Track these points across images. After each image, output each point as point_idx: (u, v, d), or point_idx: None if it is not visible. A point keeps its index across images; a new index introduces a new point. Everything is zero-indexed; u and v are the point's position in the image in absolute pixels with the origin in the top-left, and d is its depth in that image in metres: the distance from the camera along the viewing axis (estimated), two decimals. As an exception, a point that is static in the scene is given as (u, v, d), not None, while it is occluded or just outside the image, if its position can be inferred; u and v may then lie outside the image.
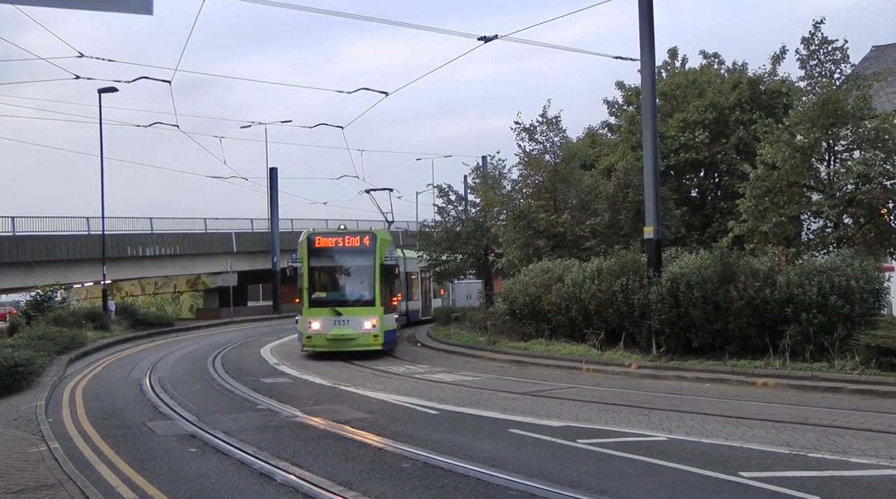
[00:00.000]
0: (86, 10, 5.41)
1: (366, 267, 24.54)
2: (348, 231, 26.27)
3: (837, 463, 9.08)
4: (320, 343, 24.00)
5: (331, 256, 25.16)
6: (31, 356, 19.52)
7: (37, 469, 9.67)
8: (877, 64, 28.09)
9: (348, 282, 25.34)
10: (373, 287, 24.34)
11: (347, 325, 23.94)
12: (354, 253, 24.76)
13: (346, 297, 24.88)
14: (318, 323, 24.03)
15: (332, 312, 24.04)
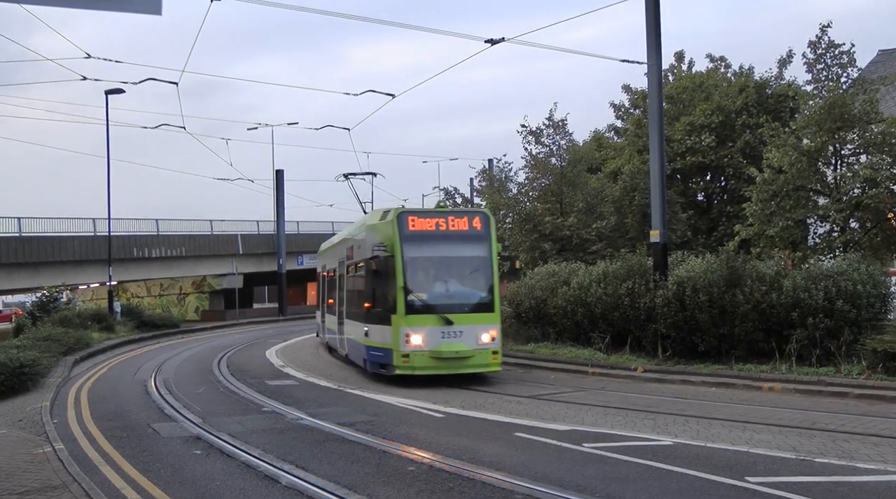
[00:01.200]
0: (94, 11, 5.41)
1: (480, 258, 18.67)
2: (453, 210, 21.27)
3: (844, 468, 9.03)
4: (423, 364, 17.58)
5: (433, 242, 18.66)
6: (37, 357, 19.56)
7: (41, 471, 9.68)
8: (884, 68, 28.01)
9: (459, 278, 18.95)
10: (491, 285, 18.55)
11: (460, 337, 17.74)
12: (464, 239, 18.76)
13: (457, 299, 18.50)
14: (419, 336, 17.55)
15: (441, 320, 17.66)
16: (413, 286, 18.08)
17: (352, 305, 21.75)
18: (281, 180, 56.99)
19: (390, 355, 17.92)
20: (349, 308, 22.17)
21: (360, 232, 21.12)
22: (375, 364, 18.79)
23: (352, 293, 22.01)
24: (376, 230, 19.02)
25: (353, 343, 21.17)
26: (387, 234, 18.42)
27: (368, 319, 19.09)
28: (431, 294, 18.36)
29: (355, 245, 21.46)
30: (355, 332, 20.53)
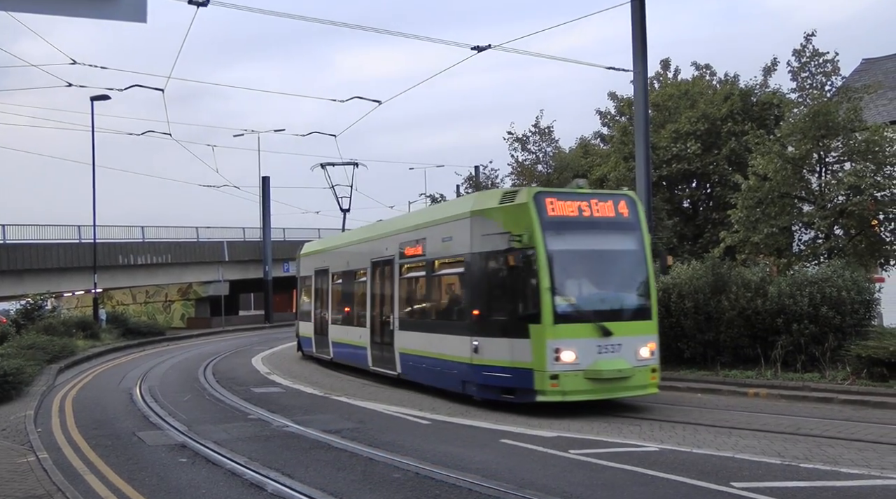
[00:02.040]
0: (79, 18, 5.41)
1: (633, 252, 15.08)
2: (595, 192, 16.61)
3: (829, 473, 9.08)
4: (576, 387, 13.79)
5: (578, 231, 14.69)
6: (21, 365, 19.42)
7: (25, 480, 9.61)
8: (867, 76, 28.24)
9: (610, 277, 15.38)
10: (647, 286, 15.01)
11: (619, 352, 14.09)
12: (613, 228, 15.04)
13: (611, 304, 14.79)
14: (572, 351, 13.73)
15: (597, 330, 13.97)
16: (562, 288, 14.27)
17: (423, 313, 18.07)
18: (267, 187, 56.87)
19: (528, 378, 13.97)
20: (414, 318, 18.32)
21: (447, 220, 16.88)
22: (494, 389, 14.81)
23: (422, 298, 18.22)
24: (494, 216, 15.07)
25: (428, 361, 17.05)
26: (520, 220, 14.39)
27: (479, 330, 15.06)
28: (582, 298, 14.66)
29: (435, 236, 17.24)
30: (439, 346, 16.52)
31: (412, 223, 19.34)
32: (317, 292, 26.71)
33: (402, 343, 18.48)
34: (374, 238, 21.37)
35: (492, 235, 14.96)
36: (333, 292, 24.72)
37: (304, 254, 29.28)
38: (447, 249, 16.68)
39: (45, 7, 5.50)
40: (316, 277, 26.82)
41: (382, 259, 20.16)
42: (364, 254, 21.66)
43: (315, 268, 26.93)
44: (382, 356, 19.71)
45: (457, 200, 20.22)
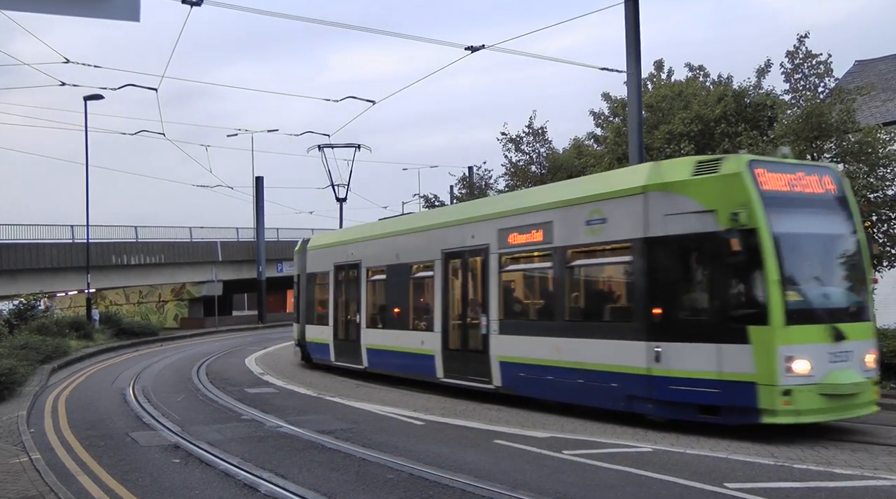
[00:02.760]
0: (72, 16, 5.39)
1: (849, 238, 12.64)
2: (800, 163, 13.66)
3: (822, 474, 9.10)
4: (811, 405, 11.14)
5: (796, 210, 12.16)
6: (14, 366, 19.34)
7: (18, 481, 9.57)
8: (860, 78, 28.32)
9: (830, 268, 12.79)
10: (864, 279, 12.74)
11: (849, 361, 11.55)
12: (825, 207, 12.64)
13: (836, 300, 12.34)
14: (806, 360, 11.13)
15: (829, 334, 11.42)
16: (791, 280, 11.65)
17: (545, 313, 15.18)
18: (261, 187, 56.83)
19: (748, 394, 11.25)
20: (526, 319, 15.76)
21: (594, 198, 13.78)
22: (687, 407, 12.09)
23: (544, 295, 15.42)
24: (686, 190, 12.23)
25: (558, 371, 14.09)
26: (730, 195, 11.73)
27: (663, 333, 12.31)
28: (811, 292, 12.06)
29: (571, 219, 14.15)
30: (581, 354, 13.63)
31: (521, 205, 15.88)
32: (339, 291, 23.12)
33: (503, 350, 15.49)
34: (445, 225, 18.08)
35: (683, 215, 12.13)
36: (369, 291, 21.34)
37: (314, 247, 25.59)
38: (596, 234, 13.52)
39: (39, 6, 5.48)
40: (337, 273, 23.20)
41: (466, 249, 17.00)
42: (428, 244, 18.37)
43: (334, 263, 23.27)
44: (466, 365, 16.61)
45: (604, 175, 16.45)
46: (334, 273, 23.34)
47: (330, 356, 23.19)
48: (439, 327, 17.64)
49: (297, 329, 26.33)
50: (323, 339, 23.82)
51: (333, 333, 23.11)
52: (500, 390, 15.69)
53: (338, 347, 22.89)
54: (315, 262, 25.20)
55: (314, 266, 25.16)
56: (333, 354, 23.01)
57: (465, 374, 16.67)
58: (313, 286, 25.16)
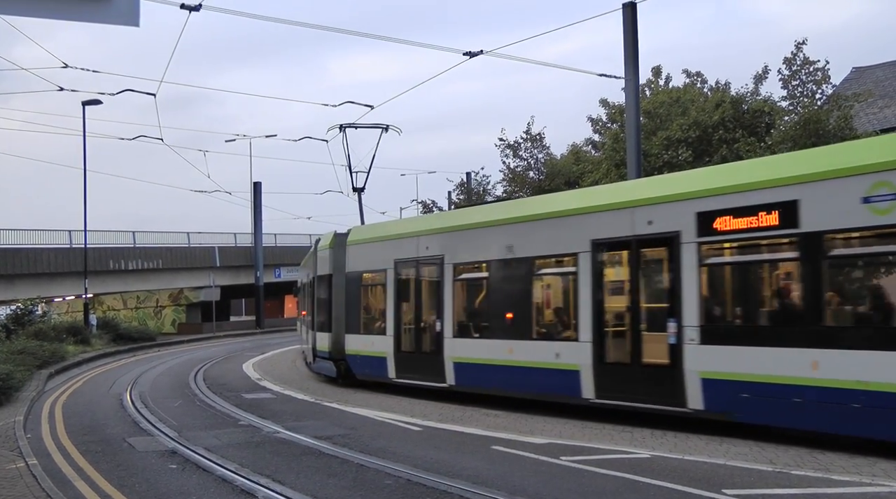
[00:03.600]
0: (72, 21, 5.39)
1: None
2: None
3: (820, 480, 9.09)
4: None
5: None
6: (11, 371, 19.31)
7: (14, 486, 9.55)
8: (857, 85, 28.38)
9: None
10: None
11: None
12: None
13: None
14: None
15: None
16: None
17: (793, 317, 11.77)
18: (258, 193, 56.87)
19: None
20: (761, 323, 12.25)
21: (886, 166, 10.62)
22: None
23: (795, 292, 11.86)
24: None
25: (815, 392, 10.95)
26: None
27: None
28: None
29: (832, 196, 11.14)
30: (871, 372, 10.39)
31: (739, 180, 12.41)
32: (403, 293, 19.28)
33: (711, 364, 12.22)
34: (596, 209, 14.66)
35: None
36: (458, 292, 17.77)
37: (359, 241, 21.29)
38: (884, 214, 10.51)
39: (37, 10, 5.48)
40: (400, 271, 19.21)
41: (635, 238, 13.62)
42: (566, 233, 15.03)
43: (396, 258, 19.28)
44: (640, 384, 13.32)
45: None
46: (395, 271, 19.24)
47: (387, 372, 18.95)
48: (590, 336, 14.15)
49: (323, 339, 22.22)
50: (376, 351, 19.49)
51: (395, 344, 18.88)
52: (704, 415, 12.44)
53: (402, 361, 18.70)
54: (360, 258, 20.98)
55: (358, 264, 21.01)
56: (394, 369, 18.75)
57: (635, 393, 13.37)
58: (356, 288, 20.94)
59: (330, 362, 21.76)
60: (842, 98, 21.07)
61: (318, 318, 22.81)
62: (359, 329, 20.62)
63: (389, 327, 19.12)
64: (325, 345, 21.91)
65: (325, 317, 22.06)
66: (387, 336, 19.12)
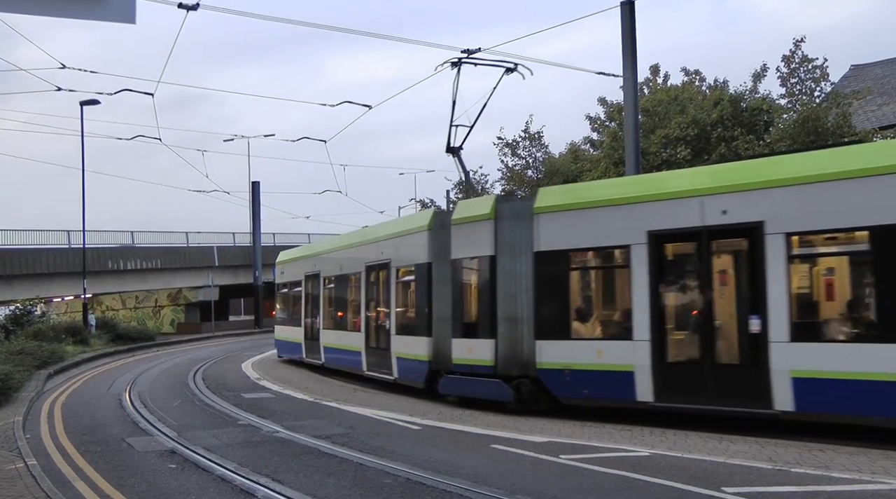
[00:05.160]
0: (69, 19, 5.39)
1: None
2: None
3: (820, 478, 9.09)
4: None
5: None
6: (10, 371, 19.28)
7: (13, 487, 9.54)
8: (856, 82, 28.41)
9: None
10: None
11: None
12: None
13: None
14: None
15: None
16: None
17: None
18: (257, 192, 56.83)
19: None
20: None
21: None
22: None
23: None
24: None
25: None
26: None
27: None
28: None
29: None
30: None
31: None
32: (661, 277, 13.42)
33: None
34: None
35: None
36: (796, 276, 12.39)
37: (557, 207, 14.92)
38: None
39: (33, 8, 5.48)
40: (656, 244, 13.31)
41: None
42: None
43: (649, 230, 13.28)
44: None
45: None
46: (652, 247, 13.25)
47: (638, 393, 13.22)
48: (644, 334, 13.07)
49: (415, 344, 17.88)
50: (612, 364, 13.69)
51: (652, 351, 13.05)
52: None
53: (671, 376, 12.97)
54: (567, 233, 14.66)
55: (563, 240, 14.68)
56: (651, 387, 13.03)
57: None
58: (556, 273, 14.68)
59: (423, 372, 17.47)
60: (840, 96, 21.09)
61: (405, 318, 18.76)
62: (564, 331, 14.59)
63: (641, 329, 13.25)
64: (419, 351, 17.63)
65: (421, 317, 17.71)
66: (633, 342, 13.32)
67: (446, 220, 17.26)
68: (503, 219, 15.66)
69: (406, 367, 18.36)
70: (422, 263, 17.71)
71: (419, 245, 17.86)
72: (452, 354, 16.45)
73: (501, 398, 15.29)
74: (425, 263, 17.57)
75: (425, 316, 17.43)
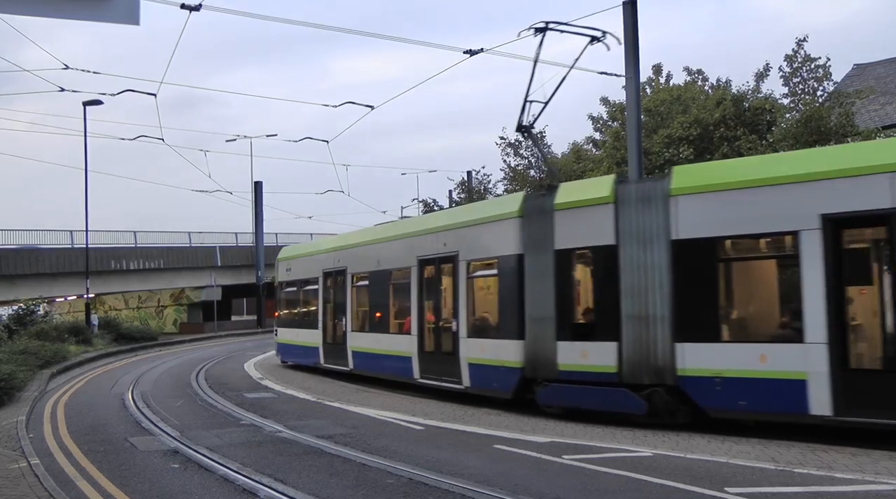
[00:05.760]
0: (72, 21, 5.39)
1: None
2: None
3: (823, 479, 9.08)
4: None
5: None
6: (13, 371, 19.31)
7: (17, 486, 9.55)
8: (858, 82, 28.38)
9: None
10: None
11: None
12: None
13: None
14: None
15: None
16: None
17: None
18: (259, 192, 56.89)
19: None
20: None
21: None
22: None
23: None
24: None
25: None
26: None
27: None
28: None
29: None
30: None
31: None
32: None
33: None
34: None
35: None
36: None
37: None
38: None
39: (37, 9, 5.48)
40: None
41: None
42: None
43: None
44: None
45: None
46: (833, 239, 11.38)
47: (810, 405, 11.25)
48: (820, 336, 11.24)
49: (503, 348, 15.36)
50: None
51: (831, 356, 11.12)
52: None
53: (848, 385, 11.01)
54: None
55: None
56: (832, 402, 11.07)
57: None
58: (692, 270, 12.72)
59: (512, 380, 15.12)
60: (843, 95, 21.08)
61: (481, 318, 16.67)
62: (713, 333, 12.47)
63: (815, 330, 11.26)
64: (505, 357, 15.27)
65: (508, 316, 15.35)
66: (806, 345, 11.36)
67: (545, 204, 14.79)
68: (626, 202, 13.61)
69: (483, 374, 15.93)
70: (509, 255, 15.27)
71: (505, 234, 15.44)
72: (558, 359, 14.11)
73: (628, 410, 13.27)
74: (514, 254, 15.11)
75: (515, 316, 14.99)
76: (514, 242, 15.09)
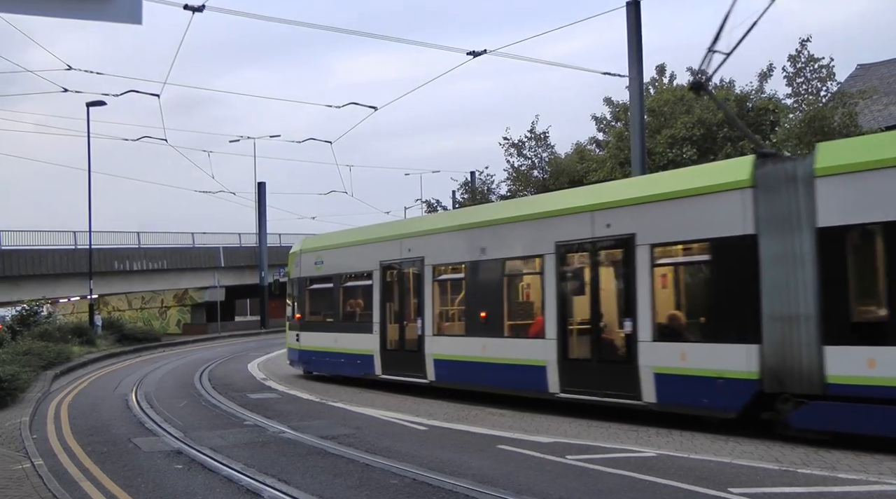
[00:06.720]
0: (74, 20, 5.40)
1: None
2: None
3: (827, 479, 9.07)
4: None
5: None
6: (16, 372, 19.34)
7: (20, 487, 9.56)
8: (862, 82, 28.34)
9: None
10: None
11: None
12: None
13: None
14: None
15: None
16: None
17: None
18: (263, 193, 56.88)
19: None
20: None
21: None
22: None
23: None
24: None
25: None
26: None
27: None
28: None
29: None
30: None
31: None
32: None
33: None
34: None
35: None
36: None
37: None
38: None
39: (40, 9, 5.49)
40: None
41: None
42: None
43: None
44: None
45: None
46: None
47: None
48: None
49: (734, 356, 11.88)
50: None
51: None
52: None
53: None
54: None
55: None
56: None
57: None
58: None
59: (742, 395, 11.73)
60: (846, 95, 21.05)
61: (673, 316, 13.48)
62: None
63: None
64: (727, 366, 11.94)
65: (732, 314, 12.20)
66: None
67: (798, 170, 11.47)
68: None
69: (681, 388, 12.57)
70: (733, 236, 11.99)
71: (725, 210, 12.18)
72: (826, 369, 10.82)
73: None
74: (742, 235, 11.85)
75: (745, 313, 11.79)
76: (741, 220, 11.89)
